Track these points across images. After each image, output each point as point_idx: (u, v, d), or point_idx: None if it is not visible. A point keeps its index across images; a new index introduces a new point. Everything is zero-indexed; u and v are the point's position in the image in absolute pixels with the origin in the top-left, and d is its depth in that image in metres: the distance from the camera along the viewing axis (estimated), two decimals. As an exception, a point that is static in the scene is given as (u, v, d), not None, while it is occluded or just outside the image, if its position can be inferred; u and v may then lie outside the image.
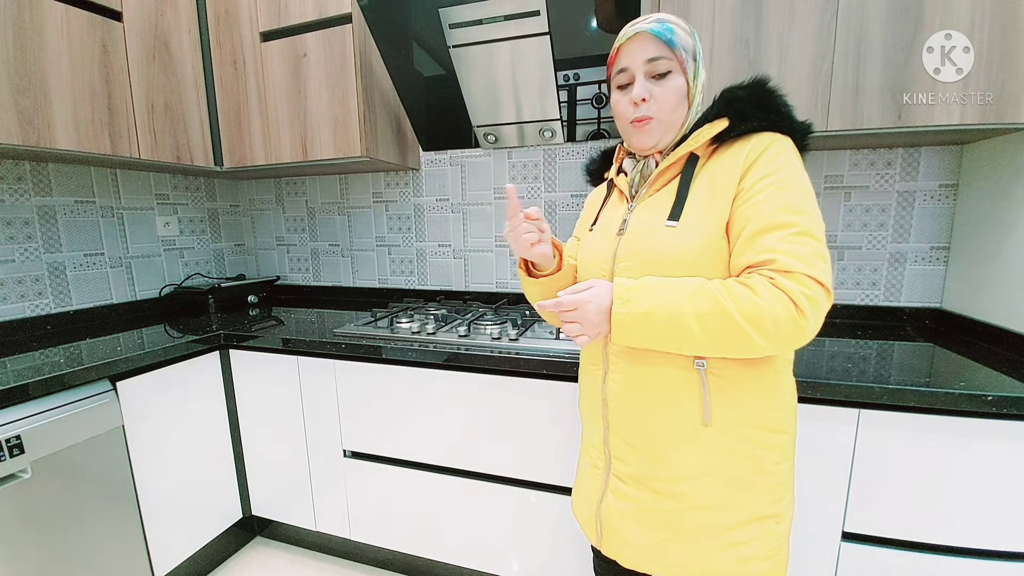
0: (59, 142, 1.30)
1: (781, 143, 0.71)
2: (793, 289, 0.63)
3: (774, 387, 0.74)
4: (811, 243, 0.65)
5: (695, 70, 0.76)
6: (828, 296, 0.64)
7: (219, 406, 1.57)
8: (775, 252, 0.65)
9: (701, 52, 0.78)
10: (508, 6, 1.33)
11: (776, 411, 0.74)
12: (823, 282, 0.64)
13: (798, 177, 0.70)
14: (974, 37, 1.04)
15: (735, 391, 0.72)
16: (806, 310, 0.63)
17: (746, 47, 1.18)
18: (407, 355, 1.32)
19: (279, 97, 1.66)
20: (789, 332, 0.64)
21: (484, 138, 1.73)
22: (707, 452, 0.73)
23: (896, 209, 1.43)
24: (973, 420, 0.93)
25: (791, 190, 0.68)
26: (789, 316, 0.63)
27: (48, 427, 1.09)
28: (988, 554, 0.97)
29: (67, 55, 1.31)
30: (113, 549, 1.25)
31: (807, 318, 0.63)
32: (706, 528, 0.75)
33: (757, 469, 0.73)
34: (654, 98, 0.75)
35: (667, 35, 0.73)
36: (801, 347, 0.67)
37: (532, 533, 1.33)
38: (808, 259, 0.64)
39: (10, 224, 1.46)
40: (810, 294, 0.63)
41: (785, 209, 0.67)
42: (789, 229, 0.66)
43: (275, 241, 2.25)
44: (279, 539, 1.77)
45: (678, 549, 0.76)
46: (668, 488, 0.75)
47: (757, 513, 0.74)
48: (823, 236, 0.67)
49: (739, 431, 0.72)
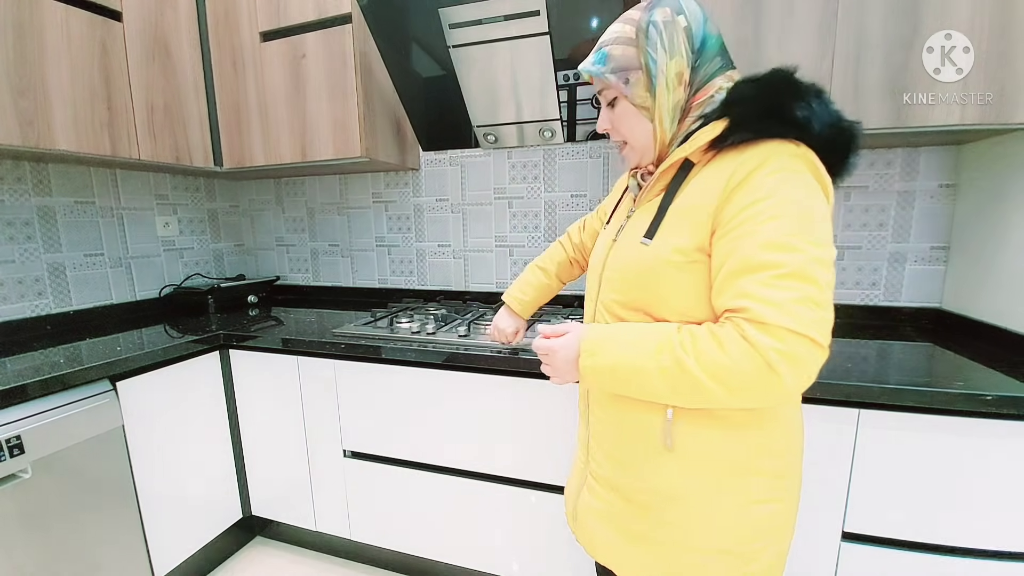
0: (59, 143, 1.30)
1: (781, 159, 0.61)
2: (764, 345, 0.56)
3: (748, 425, 0.67)
4: (798, 287, 0.56)
5: (647, 78, 0.68)
6: (815, 348, 0.56)
7: (219, 406, 1.57)
8: (750, 299, 0.58)
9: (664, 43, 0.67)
10: (508, 6, 1.33)
11: (752, 450, 0.68)
12: (807, 334, 0.55)
13: (795, 203, 0.59)
14: (974, 37, 1.04)
15: (698, 422, 0.68)
16: (779, 369, 0.55)
17: (746, 47, 1.18)
18: (407, 355, 1.32)
19: (279, 97, 1.66)
20: (761, 391, 0.58)
21: (484, 138, 1.73)
22: (671, 474, 0.70)
23: (896, 209, 1.43)
24: (972, 420, 0.93)
25: (782, 219, 0.58)
26: (759, 375, 0.56)
27: (48, 427, 1.09)
28: (988, 554, 0.97)
29: (67, 56, 1.31)
30: (113, 549, 1.25)
31: (780, 376, 0.56)
32: (673, 544, 0.72)
33: (723, 504, 0.68)
34: (614, 126, 0.75)
35: (595, 69, 0.72)
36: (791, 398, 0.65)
37: (532, 533, 1.33)
38: (788, 308, 0.56)
39: (10, 224, 1.46)
40: (785, 350, 0.55)
41: (769, 246, 0.58)
42: (771, 271, 0.57)
43: (275, 241, 2.25)
44: (279, 539, 1.77)
45: (645, 557, 0.75)
46: (637, 498, 0.74)
47: (720, 547, 0.69)
48: (823, 275, 0.57)
49: (704, 462, 0.68)
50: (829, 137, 0.62)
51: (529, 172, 1.78)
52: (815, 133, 0.61)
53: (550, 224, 1.78)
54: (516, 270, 1.86)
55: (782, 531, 0.73)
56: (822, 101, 0.62)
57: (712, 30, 0.70)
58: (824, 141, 0.62)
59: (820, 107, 0.61)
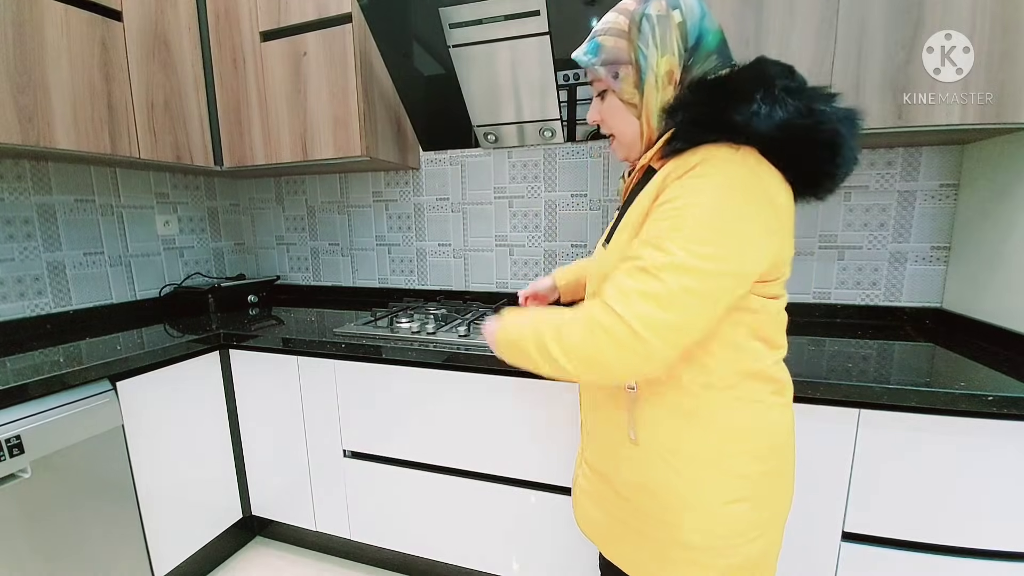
0: (59, 141, 1.30)
1: (709, 165, 0.60)
2: (594, 318, 0.61)
3: (700, 420, 0.68)
4: (645, 281, 0.58)
5: (636, 73, 0.67)
6: (635, 339, 0.58)
7: (219, 406, 1.57)
8: (610, 283, 0.62)
9: (655, 39, 0.65)
10: (508, 6, 1.33)
11: (723, 453, 0.68)
12: (630, 323, 0.58)
13: (693, 206, 0.58)
14: (974, 37, 1.04)
15: (653, 415, 0.70)
16: (598, 341, 0.60)
17: (746, 46, 1.18)
18: (407, 355, 1.32)
19: (279, 96, 1.66)
20: (585, 361, 0.62)
21: (484, 138, 1.73)
22: (637, 467, 0.73)
23: (896, 209, 1.43)
24: (973, 420, 0.93)
25: (672, 221, 0.59)
26: (584, 344, 0.62)
27: (48, 427, 1.09)
28: (988, 554, 0.97)
29: (67, 54, 1.31)
30: (113, 549, 1.25)
31: (593, 346, 0.61)
32: (640, 531, 0.75)
33: (688, 503, 0.69)
34: (603, 119, 0.75)
35: (586, 59, 0.71)
36: (632, 377, 0.68)
37: (532, 533, 1.33)
38: (627, 295, 0.59)
39: (9, 223, 1.46)
40: (608, 326, 0.59)
41: (646, 243, 0.61)
42: (634, 262, 0.61)
43: (275, 240, 2.25)
44: (279, 539, 1.77)
45: (617, 535, 0.79)
46: (615, 486, 0.77)
47: (681, 542, 0.70)
48: (678, 279, 0.57)
49: (662, 456, 0.70)
50: (783, 137, 0.58)
51: (529, 172, 1.78)
52: (760, 134, 0.58)
53: (550, 224, 1.78)
54: (516, 270, 1.86)
55: (764, 529, 0.71)
56: (775, 100, 0.58)
57: (710, 26, 0.67)
58: (778, 142, 0.59)
59: (767, 107, 0.57)
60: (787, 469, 0.75)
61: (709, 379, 0.67)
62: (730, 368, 0.67)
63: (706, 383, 0.67)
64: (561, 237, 1.78)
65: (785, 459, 0.74)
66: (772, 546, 0.75)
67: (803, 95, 0.60)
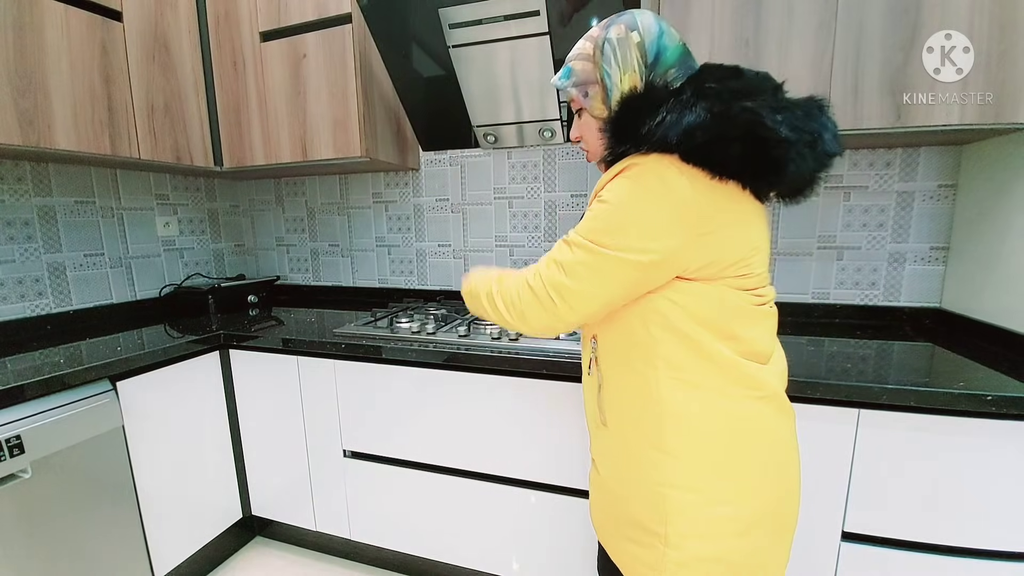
0: (59, 142, 1.30)
1: (625, 172, 0.68)
2: (524, 277, 0.78)
3: (656, 403, 0.71)
4: (562, 251, 0.74)
5: (603, 91, 0.74)
6: (543, 292, 0.74)
7: (219, 406, 1.57)
8: (547, 253, 0.77)
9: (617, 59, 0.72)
10: (508, 6, 1.33)
11: (664, 430, 0.71)
12: (543, 277, 0.74)
13: (607, 204, 0.69)
14: (974, 37, 1.04)
15: (617, 397, 0.77)
16: (523, 295, 0.77)
17: (746, 47, 1.18)
18: (407, 355, 1.32)
19: (279, 97, 1.66)
20: (514, 311, 0.79)
21: (484, 138, 1.73)
22: (605, 447, 0.82)
23: (895, 209, 1.43)
24: (973, 420, 0.93)
25: (594, 214, 0.71)
26: (514, 297, 0.79)
27: (48, 427, 1.09)
28: (988, 554, 0.97)
29: (67, 55, 1.31)
30: (113, 549, 1.25)
31: (520, 301, 0.78)
32: (617, 515, 0.81)
33: (639, 479, 0.75)
34: (580, 134, 0.83)
35: (559, 83, 0.80)
36: (549, 332, 0.79)
37: (532, 533, 1.33)
38: (548, 261, 0.75)
39: (10, 224, 1.46)
40: (530, 283, 0.76)
41: (577, 228, 0.74)
42: (563, 238, 0.75)
43: (275, 241, 2.25)
44: (279, 539, 1.77)
45: (608, 525, 0.84)
46: (599, 470, 0.86)
47: (638, 521, 0.76)
48: (565, 254, 0.72)
49: (627, 437, 0.76)
50: (689, 143, 0.63)
51: (529, 172, 1.78)
52: (667, 142, 0.64)
53: (550, 224, 1.78)
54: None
55: (718, 530, 0.70)
56: (683, 107, 0.63)
57: (668, 42, 0.72)
58: (686, 148, 0.63)
59: (674, 115, 0.63)
60: (750, 472, 0.72)
61: (656, 359, 0.71)
62: (674, 348, 0.70)
63: (653, 363, 0.71)
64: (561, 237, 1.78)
65: (745, 459, 0.71)
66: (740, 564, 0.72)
67: (725, 96, 0.63)
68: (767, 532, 0.73)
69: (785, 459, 0.75)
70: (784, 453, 0.75)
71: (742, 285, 0.70)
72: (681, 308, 0.69)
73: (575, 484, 1.25)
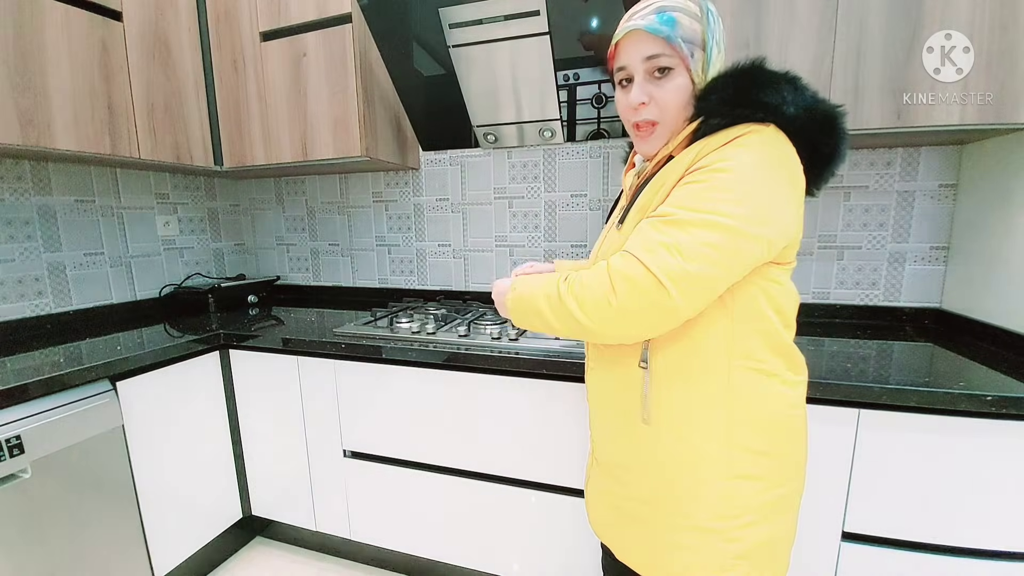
0: (59, 142, 1.30)
1: (746, 136, 0.62)
2: (615, 268, 0.62)
3: (727, 394, 0.68)
4: (672, 233, 0.60)
5: (704, 61, 0.67)
6: (656, 286, 0.59)
7: (219, 406, 1.57)
8: (634, 238, 0.64)
9: (717, 34, 0.68)
10: (508, 6, 1.33)
11: (730, 421, 0.68)
12: (652, 270, 0.59)
13: (721, 172, 0.61)
14: (974, 37, 1.04)
15: (673, 392, 0.70)
16: (618, 289, 0.61)
17: (746, 47, 1.18)
18: (407, 355, 1.32)
19: (279, 97, 1.66)
20: (603, 311, 0.63)
21: (484, 138, 1.73)
22: (641, 448, 0.74)
23: (896, 209, 1.43)
24: (973, 420, 0.93)
25: (708, 184, 0.61)
26: (602, 294, 0.62)
27: (48, 427, 1.09)
28: (988, 554, 0.97)
29: (67, 55, 1.31)
30: (113, 549, 1.25)
31: (617, 295, 0.61)
32: (648, 521, 0.76)
33: (697, 478, 0.70)
34: (655, 100, 0.69)
35: (665, 30, 0.66)
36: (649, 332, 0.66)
37: (532, 533, 1.33)
38: (650, 245, 0.61)
39: (10, 224, 1.46)
40: (627, 273, 0.60)
41: (679, 203, 0.62)
42: (662, 218, 0.63)
43: (275, 241, 2.25)
44: (279, 539, 1.77)
45: (628, 534, 0.80)
46: (620, 475, 0.79)
47: (695, 523, 0.71)
48: (706, 234, 0.59)
49: (679, 433, 0.70)
50: (806, 119, 0.64)
51: (529, 172, 1.78)
52: (789, 115, 0.63)
53: (550, 224, 1.78)
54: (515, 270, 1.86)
55: (770, 513, 0.71)
56: (795, 87, 0.64)
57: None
58: (802, 123, 0.64)
59: (792, 92, 0.64)
60: (797, 452, 0.75)
61: (732, 345, 0.67)
62: (750, 334, 0.68)
63: (728, 350, 0.67)
64: (561, 237, 1.78)
65: (795, 441, 0.74)
66: (781, 538, 0.75)
67: (814, 92, 0.66)
68: (796, 507, 0.77)
69: (806, 436, 0.78)
70: (806, 430, 0.77)
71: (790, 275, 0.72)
72: (765, 295, 0.68)
73: (575, 484, 1.25)
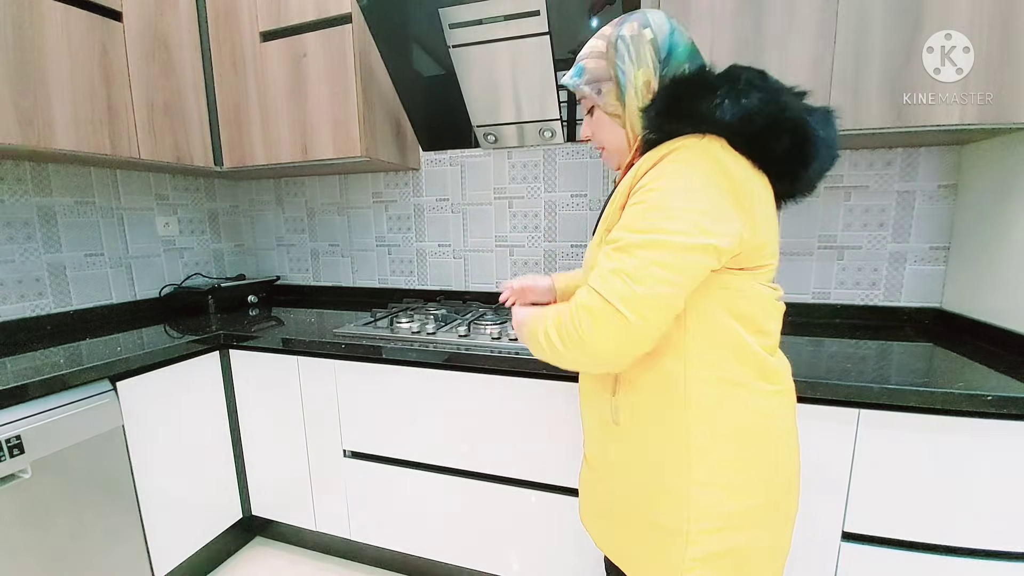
0: (59, 142, 1.30)
1: (676, 151, 0.65)
2: (579, 303, 0.66)
3: (683, 400, 0.70)
4: (619, 258, 0.64)
5: (616, 89, 0.74)
6: (615, 315, 0.61)
7: (219, 406, 1.57)
8: (597, 267, 0.67)
9: (630, 57, 0.72)
10: (508, 6, 1.33)
11: (691, 426, 0.70)
12: (609, 300, 0.62)
13: (658, 191, 0.64)
14: (974, 37, 1.04)
15: (638, 395, 0.73)
16: (583, 322, 0.65)
17: (746, 47, 1.18)
18: (407, 355, 1.32)
19: (279, 97, 1.66)
20: (575, 341, 0.67)
21: (484, 138, 1.73)
22: (614, 447, 0.79)
23: (896, 209, 1.43)
24: (973, 420, 0.93)
25: (646, 205, 0.65)
26: (573, 329, 0.66)
27: (48, 427, 1.09)
28: (988, 554, 0.97)
29: (67, 55, 1.31)
30: (113, 549, 1.25)
31: (579, 327, 0.65)
32: (618, 515, 0.80)
33: (661, 479, 0.73)
34: (593, 134, 0.82)
35: (573, 81, 0.78)
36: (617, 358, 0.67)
37: (532, 533, 1.33)
38: (604, 274, 0.64)
39: (10, 224, 1.46)
40: (588, 305, 0.65)
41: (625, 226, 0.66)
42: (612, 244, 0.66)
43: (275, 241, 2.25)
44: (279, 539, 1.77)
45: (604, 526, 0.85)
46: (603, 472, 0.83)
47: (657, 522, 0.73)
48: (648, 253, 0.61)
49: (642, 435, 0.74)
50: (744, 124, 0.64)
51: (529, 172, 1.78)
52: (723, 122, 0.64)
53: (550, 224, 1.78)
54: (516, 270, 1.86)
55: (739, 523, 0.71)
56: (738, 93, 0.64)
57: (680, 39, 0.73)
58: (739, 128, 0.64)
59: (732, 97, 0.64)
60: (775, 464, 0.74)
61: (686, 355, 0.69)
62: (707, 344, 0.69)
63: (684, 359, 0.69)
64: (561, 237, 1.78)
65: (771, 452, 0.73)
66: (754, 551, 0.73)
67: (771, 91, 0.66)
68: (774, 522, 0.75)
69: (790, 448, 0.77)
70: (790, 442, 0.76)
71: (766, 278, 0.71)
72: (723, 305, 0.68)
73: (575, 484, 1.25)
